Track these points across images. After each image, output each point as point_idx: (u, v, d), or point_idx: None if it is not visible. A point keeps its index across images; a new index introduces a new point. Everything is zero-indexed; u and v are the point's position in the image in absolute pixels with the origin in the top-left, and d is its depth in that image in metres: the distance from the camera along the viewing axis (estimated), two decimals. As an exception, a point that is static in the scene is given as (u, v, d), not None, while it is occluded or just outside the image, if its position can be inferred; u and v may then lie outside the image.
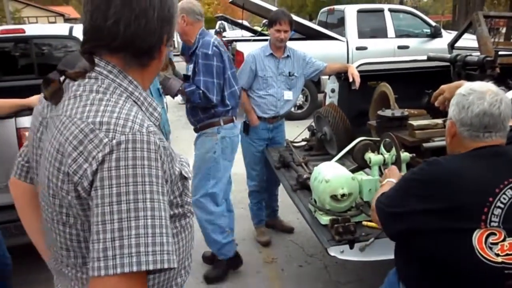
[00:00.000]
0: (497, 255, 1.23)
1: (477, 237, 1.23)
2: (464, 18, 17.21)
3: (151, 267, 0.80)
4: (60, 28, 4.96)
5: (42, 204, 0.96)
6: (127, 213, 0.80)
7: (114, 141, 0.82)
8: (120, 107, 0.88)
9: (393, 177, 1.79)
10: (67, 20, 38.16)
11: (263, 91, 3.28)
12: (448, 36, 8.47)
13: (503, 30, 17.85)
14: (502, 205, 1.24)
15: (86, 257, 0.91)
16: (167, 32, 0.97)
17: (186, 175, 1.02)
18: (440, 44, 7.75)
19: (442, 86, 1.95)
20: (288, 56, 3.32)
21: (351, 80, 3.18)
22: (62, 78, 0.93)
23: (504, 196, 1.25)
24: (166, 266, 0.81)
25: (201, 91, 2.63)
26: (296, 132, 3.63)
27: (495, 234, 1.24)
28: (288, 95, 3.32)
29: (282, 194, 3.20)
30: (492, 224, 1.23)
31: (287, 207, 3.97)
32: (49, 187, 0.89)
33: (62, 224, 0.91)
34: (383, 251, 1.88)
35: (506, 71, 2.78)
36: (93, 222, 0.81)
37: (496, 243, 1.23)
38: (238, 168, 3.52)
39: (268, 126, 3.36)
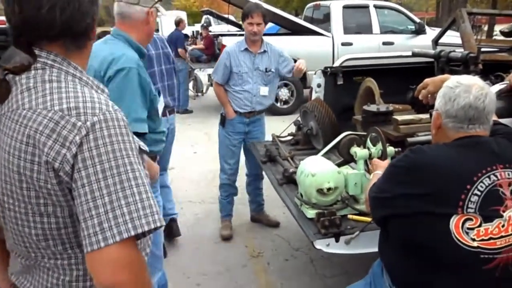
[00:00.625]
0: (473, 239, 1.28)
1: (454, 222, 1.29)
2: (448, 15, 17.43)
3: (146, 228, 0.88)
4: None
5: (5, 205, 0.97)
6: (114, 186, 0.87)
7: (88, 123, 0.88)
8: (80, 91, 0.93)
9: (379, 169, 1.83)
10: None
11: (239, 87, 3.26)
12: (431, 32, 8.57)
13: (485, 28, 18.14)
14: (479, 193, 1.29)
15: (66, 243, 0.97)
16: (95, 12, 1.00)
17: (143, 148, 1.12)
18: (424, 41, 7.83)
19: (426, 80, 1.98)
20: (264, 51, 3.27)
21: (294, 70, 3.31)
22: (4, 74, 0.94)
23: (481, 184, 1.30)
24: (158, 224, 0.90)
25: None
26: (282, 126, 3.64)
27: (471, 219, 1.29)
28: (264, 91, 3.30)
29: (268, 188, 3.21)
30: (469, 210, 1.28)
31: (273, 201, 3.99)
32: (21, 181, 0.91)
33: (40, 215, 0.94)
34: (368, 244, 1.90)
35: (488, 67, 2.82)
36: (81, 202, 0.87)
37: (472, 228, 1.28)
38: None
39: (244, 120, 3.37)
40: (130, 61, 1.78)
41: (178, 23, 8.82)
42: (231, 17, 9.59)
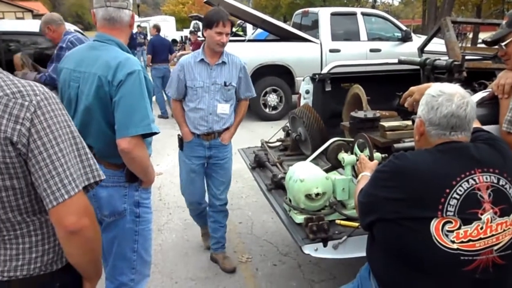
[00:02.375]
0: (453, 242, 1.32)
1: (434, 225, 1.33)
2: (434, 22, 17.71)
3: (97, 179, 1.16)
4: (30, 25, 4.85)
5: None
6: (67, 149, 1.10)
7: (34, 102, 1.07)
8: (12, 78, 1.10)
9: (366, 170, 1.90)
10: (35, 16, 37.09)
11: (193, 103, 2.82)
12: (418, 40, 8.71)
13: (470, 35, 18.48)
14: (458, 196, 1.34)
15: (23, 213, 1.13)
16: None
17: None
18: (411, 48, 7.95)
19: (412, 88, 2.02)
20: (223, 63, 2.82)
21: None
22: None
23: (460, 188, 1.34)
24: (102, 177, 1.18)
25: (47, 74, 3.51)
26: (270, 132, 3.67)
27: (451, 222, 1.33)
28: (223, 108, 2.84)
29: (257, 193, 3.23)
30: (448, 213, 1.33)
31: (261, 207, 4.01)
32: None
33: None
34: (356, 249, 1.93)
35: (472, 75, 2.88)
36: (40, 167, 1.06)
37: (452, 231, 1.33)
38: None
39: (203, 143, 2.89)
40: (137, 63, 1.80)
41: (159, 29, 8.87)
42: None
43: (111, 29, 1.88)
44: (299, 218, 2.07)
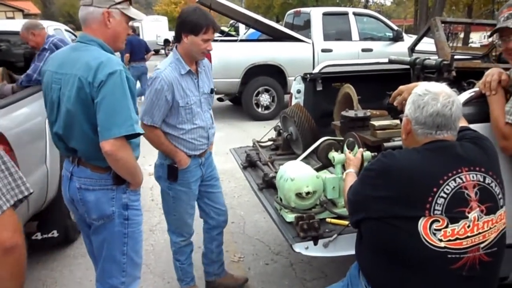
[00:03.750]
0: (440, 240, 1.34)
1: (422, 223, 1.34)
2: (425, 22, 17.83)
3: (26, 193, 1.09)
4: (20, 24, 4.80)
5: None
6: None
7: None
8: None
9: (350, 167, 1.93)
10: (26, 15, 36.78)
11: (189, 124, 2.39)
12: (409, 39, 8.75)
13: (461, 35, 18.64)
14: (445, 195, 1.35)
15: None
16: None
17: None
18: (402, 48, 7.99)
19: (401, 87, 2.04)
20: (202, 67, 2.48)
21: None
22: None
23: (447, 187, 1.36)
24: (31, 190, 1.11)
25: (23, 76, 3.52)
26: (263, 132, 3.68)
27: (438, 221, 1.34)
28: (212, 115, 2.58)
29: (249, 193, 3.24)
30: (436, 212, 1.34)
31: (253, 207, 4.02)
32: None
33: None
34: (346, 247, 1.94)
35: (461, 74, 2.91)
36: None
37: (439, 229, 1.34)
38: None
39: (200, 161, 2.55)
40: (118, 63, 1.76)
41: (134, 29, 9.34)
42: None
43: (88, 29, 1.84)
44: (290, 217, 2.07)
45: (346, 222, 2.01)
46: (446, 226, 1.34)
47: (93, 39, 1.82)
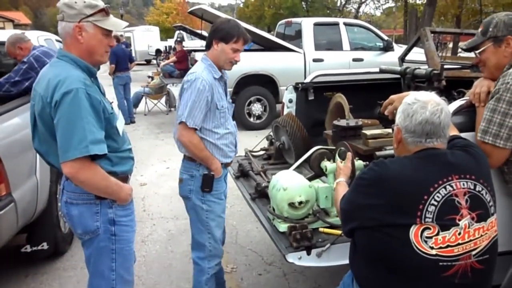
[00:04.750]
0: (432, 248, 1.34)
1: (413, 231, 1.35)
2: (415, 32, 18.03)
3: None
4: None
5: None
6: None
7: None
8: None
9: (340, 176, 1.94)
10: (16, 26, 36.60)
11: (222, 128, 2.34)
12: (399, 49, 8.85)
13: (451, 45, 18.88)
14: (435, 203, 1.36)
15: None
16: None
17: None
18: (392, 57, 8.07)
19: (392, 96, 2.06)
20: (226, 77, 2.46)
21: None
22: None
23: (438, 194, 1.37)
24: None
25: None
26: (255, 141, 3.68)
27: (429, 228, 1.35)
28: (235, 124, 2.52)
29: (241, 203, 3.22)
30: (427, 220, 1.35)
31: (246, 217, 4.00)
32: None
33: None
34: (339, 256, 1.93)
35: (451, 83, 2.94)
36: None
37: (431, 237, 1.35)
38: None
39: (226, 171, 2.48)
40: (76, 81, 1.68)
41: (119, 39, 9.51)
42: (204, 33, 9.66)
43: (64, 44, 1.81)
44: (283, 227, 2.07)
45: (339, 232, 2.00)
46: (437, 234, 1.34)
47: (66, 54, 1.78)
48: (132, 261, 2.05)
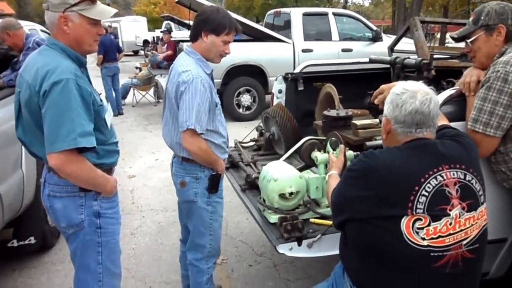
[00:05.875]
0: (423, 239, 1.34)
1: (405, 222, 1.34)
2: (403, 23, 18.10)
3: None
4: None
5: None
6: None
7: None
8: None
9: (333, 169, 1.93)
10: (0, 16, 35.85)
11: (221, 126, 2.25)
12: (388, 40, 8.85)
13: (438, 35, 18.97)
14: (426, 194, 1.35)
15: None
16: None
17: None
18: (381, 48, 8.07)
19: (382, 86, 2.05)
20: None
21: None
22: None
23: (428, 185, 1.36)
24: None
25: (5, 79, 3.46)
26: (244, 132, 3.65)
27: (421, 219, 1.34)
28: None
29: (231, 194, 3.20)
30: (418, 210, 1.34)
31: (235, 208, 3.99)
32: None
33: None
34: (330, 247, 1.93)
35: (440, 73, 2.94)
36: None
37: (422, 228, 1.34)
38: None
39: None
40: (66, 71, 1.64)
41: (106, 29, 9.36)
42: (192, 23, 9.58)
43: (52, 34, 1.76)
44: (273, 218, 2.06)
45: (330, 222, 2.00)
46: (429, 225, 1.34)
47: (55, 43, 1.74)
48: (119, 253, 2.02)
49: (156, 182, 4.89)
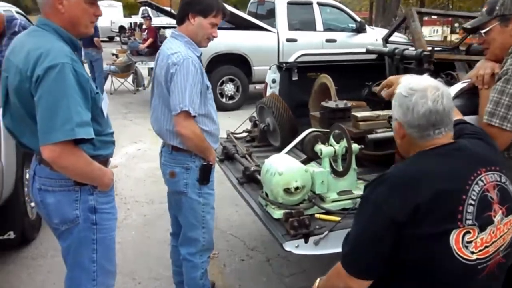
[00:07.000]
0: (472, 252, 1.22)
1: (454, 237, 1.20)
2: (382, 15, 18.21)
3: None
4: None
5: None
6: None
7: None
8: None
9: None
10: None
11: (213, 111, 2.19)
12: (371, 31, 8.86)
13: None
14: (473, 202, 1.22)
15: None
16: None
17: None
18: (365, 39, 8.07)
19: (390, 78, 1.97)
20: None
21: None
22: None
23: (473, 192, 1.23)
24: None
25: None
26: (228, 123, 3.54)
27: (470, 232, 1.21)
28: None
29: (219, 186, 3.09)
30: (467, 222, 1.21)
31: (224, 199, 3.88)
32: None
33: None
34: (337, 244, 1.83)
35: (438, 65, 2.90)
36: None
37: (471, 241, 1.21)
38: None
39: None
40: (62, 55, 1.50)
41: None
42: (174, 11, 9.28)
43: (44, 14, 1.61)
44: (277, 213, 1.96)
45: (337, 218, 1.93)
46: (477, 237, 1.22)
47: (47, 23, 1.58)
48: (114, 250, 1.91)
49: (139, 173, 4.73)
